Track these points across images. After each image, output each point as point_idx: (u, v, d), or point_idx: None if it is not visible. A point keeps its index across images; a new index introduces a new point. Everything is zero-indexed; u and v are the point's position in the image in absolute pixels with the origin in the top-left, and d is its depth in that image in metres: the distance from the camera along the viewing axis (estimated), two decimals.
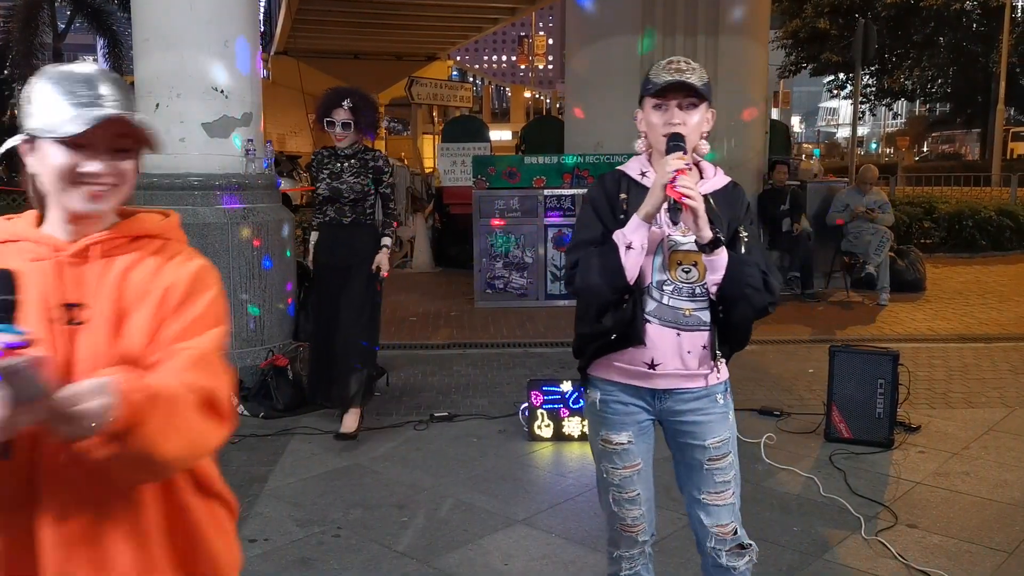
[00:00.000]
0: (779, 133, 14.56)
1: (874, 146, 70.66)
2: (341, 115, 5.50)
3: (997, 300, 10.69)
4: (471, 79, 55.68)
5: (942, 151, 57.42)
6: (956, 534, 4.26)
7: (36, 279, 1.58)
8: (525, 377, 6.61)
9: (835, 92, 48.00)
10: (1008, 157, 38.52)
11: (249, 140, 6.61)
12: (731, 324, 2.58)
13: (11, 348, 1.32)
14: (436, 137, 35.28)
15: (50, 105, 1.63)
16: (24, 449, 1.49)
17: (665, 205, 2.40)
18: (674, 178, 2.34)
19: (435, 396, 6.52)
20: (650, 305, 2.56)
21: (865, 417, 5.45)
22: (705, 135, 2.59)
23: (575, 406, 5.49)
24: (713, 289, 2.49)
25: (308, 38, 30.90)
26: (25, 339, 1.35)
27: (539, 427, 5.51)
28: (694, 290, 2.55)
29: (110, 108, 1.59)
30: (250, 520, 4.40)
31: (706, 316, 2.57)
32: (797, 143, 59.51)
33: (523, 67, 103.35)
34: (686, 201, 2.33)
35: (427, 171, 21.93)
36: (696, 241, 2.45)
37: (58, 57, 25.14)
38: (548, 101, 67.78)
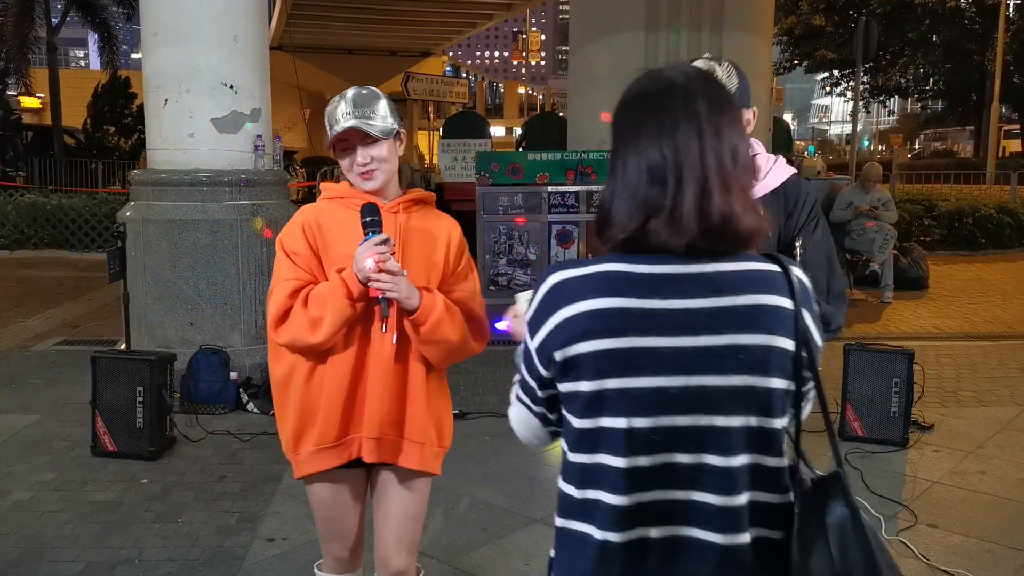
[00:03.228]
0: (781, 131, 14.59)
1: (866, 143, 70.81)
2: None
3: (1000, 298, 10.70)
4: (464, 75, 55.61)
5: (935, 148, 57.56)
6: (977, 534, 4.25)
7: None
8: None
9: (829, 89, 48.09)
10: (1001, 155, 38.61)
11: (258, 136, 6.56)
12: None
13: (383, 241, 2.36)
14: (431, 133, 35.27)
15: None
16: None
17: None
18: None
19: None
20: None
21: (880, 416, 5.44)
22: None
23: None
24: None
25: (303, 33, 30.80)
26: (390, 238, 2.39)
27: None
28: None
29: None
30: (267, 519, 4.37)
31: None
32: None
33: (516, 63, 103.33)
34: None
35: (429, 166, 21.87)
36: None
37: (52, 51, 24.96)
38: (541, 97, 67.80)
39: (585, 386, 1.49)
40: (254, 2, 6.62)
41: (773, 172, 2.49)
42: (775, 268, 1.51)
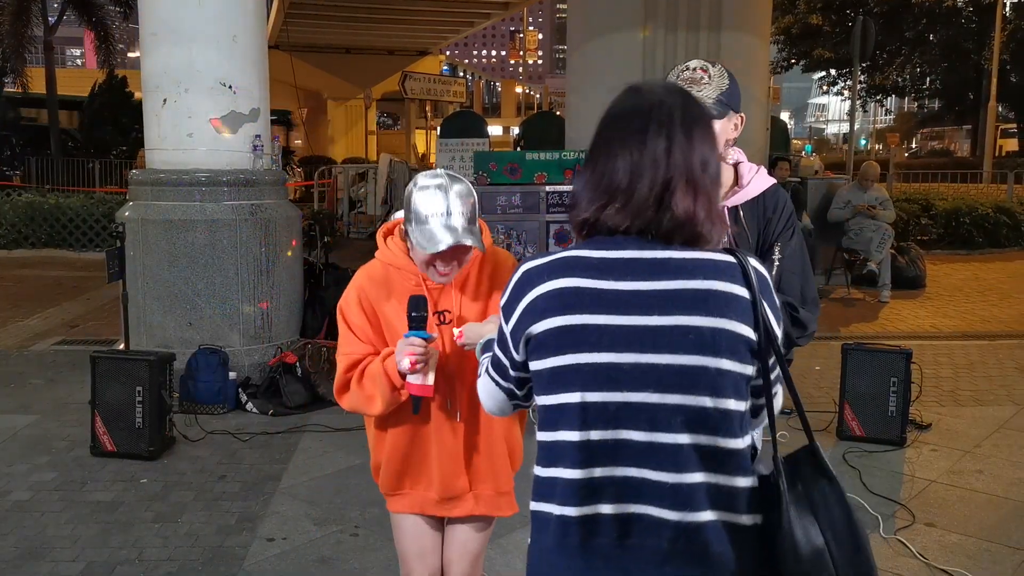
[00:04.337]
0: (779, 130, 14.60)
1: (863, 142, 70.84)
2: None
3: (997, 297, 10.73)
4: (462, 74, 55.62)
5: (932, 148, 57.62)
6: (975, 533, 4.26)
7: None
8: None
9: (826, 88, 48.12)
10: (998, 154, 38.64)
11: (256, 136, 6.56)
12: None
13: (426, 339, 2.37)
14: (429, 132, 35.26)
15: None
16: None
17: None
18: None
19: None
20: None
21: (877, 415, 5.46)
22: (731, 141, 2.51)
23: None
24: None
25: (300, 32, 30.78)
26: (432, 336, 2.42)
27: None
28: None
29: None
30: (267, 519, 4.38)
31: None
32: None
33: (513, 62, 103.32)
34: None
35: (429, 165, 21.88)
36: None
37: (49, 50, 24.91)
38: (539, 96, 67.78)
39: (547, 362, 1.60)
40: (253, 2, 6.62)
41: (755, 181, 2.54)
42: (730, 259, 1.59)
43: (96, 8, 25.09)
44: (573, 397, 1.57)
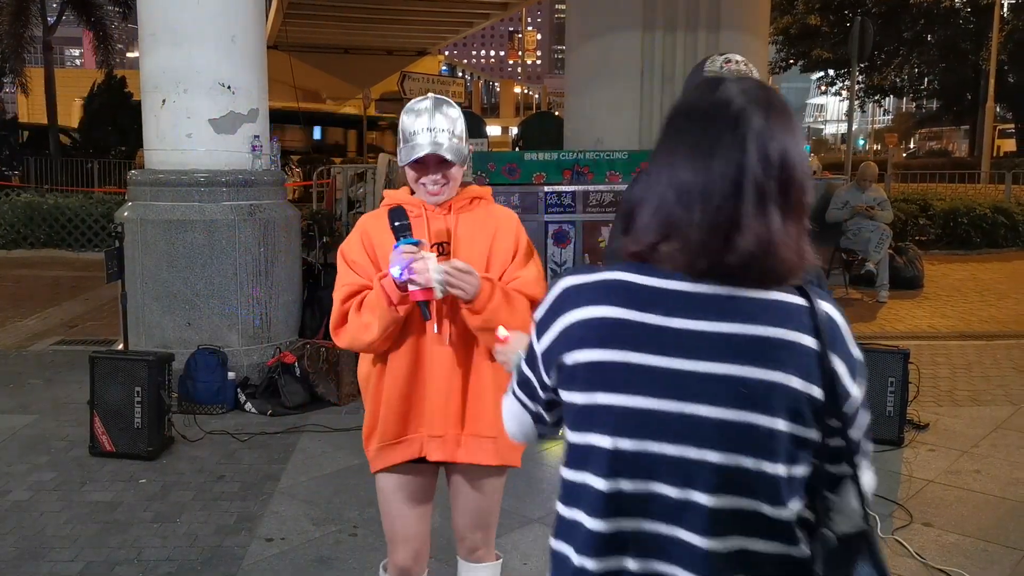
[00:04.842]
0: None
1: (862, 142, 70.86)
2: None
3: (995, 297, 10.74)
4: (460, 74, 55.62)
5: (930, 148, 57.64)
6: (972, 532, 4.27)
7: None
8: None
9: (824, 89, 48.13)
10: (995, 154, 38.66)
11: (255, 136, 6.56)
12: None
13: (417, 244, 2.40)
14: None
15: None
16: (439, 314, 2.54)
17: None
18: None
19: None
20: None
21: (875, 415, 5.39)
22: None
23: None
24: None
25: (298, 32, 30.81)
26: (421, 241, 2.42)
27: None
28: None
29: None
30: (266, 519, 4.38)
31: None
32: None
33: (512, 62, 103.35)
34: None
35: None
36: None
37: (48, 50, 24.91)
38: (537, 96, 67.81)
39: (578, 398, 1.44)
40: (252, 2, 6.63)
41: None
42: (799, 301, 1.38)
43: (95, 8, 25.08)
44: (603, 441, 1.40)
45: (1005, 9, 38.16)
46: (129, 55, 52.02)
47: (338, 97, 40.50)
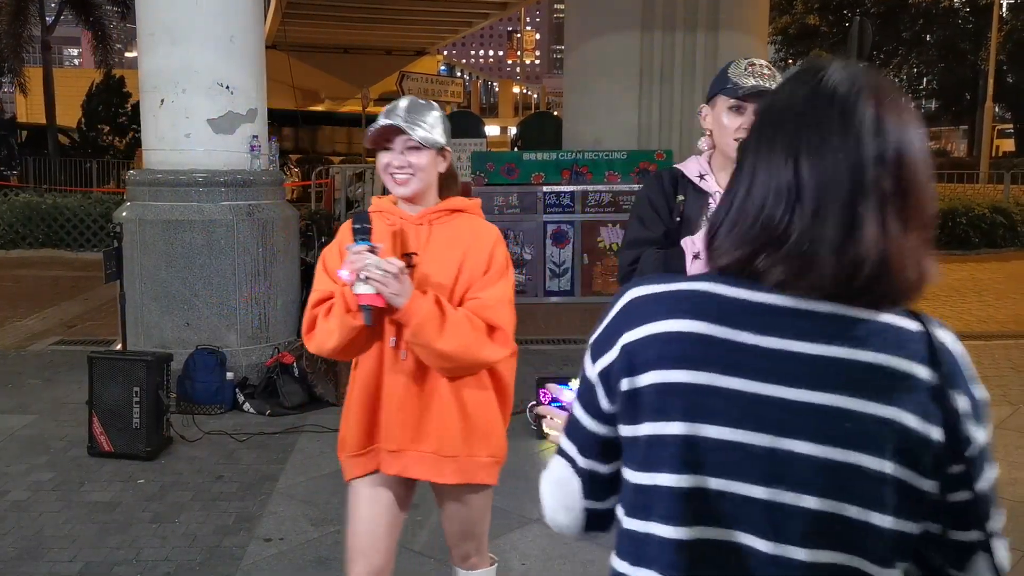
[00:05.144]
0: None
1: None
2: None
3: (994, 297, 10.75)
4: (459, 74, 55.63)
5: (928, 148, 57.58)
6: None
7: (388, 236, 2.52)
8: (527, 374, 6.60)
9: None
10: (994, 154, 38.67)
11: (254, 136, 6.56)
12: None
13: (371, 248, 2.36)
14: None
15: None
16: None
17: None
18: None
19: None
20: None
21: None
22: None
23: None
24: None
25: (297, 32, 30.83)
26: (377, 246, 2.37)
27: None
28: None
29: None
30: (264, 519, 4.38)
31: None
32: None
33: (511, 62, 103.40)
34: None
35: None
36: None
37: (47, 50, 24.91)
38: (536, 96, 67.84)
39: (644, 429, 1.20)
40: (250, 2, 6.63)
41: None
42: (913, 325, 1.16)
43: (94, 8, 25.08)
44: (675, 480, 1.16)
45: (1004, 9, 38.19)
46: (128, 55, 52.00)
47: (337, 97, 40.52)
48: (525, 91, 71.28)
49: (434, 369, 2.50)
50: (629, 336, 1.22)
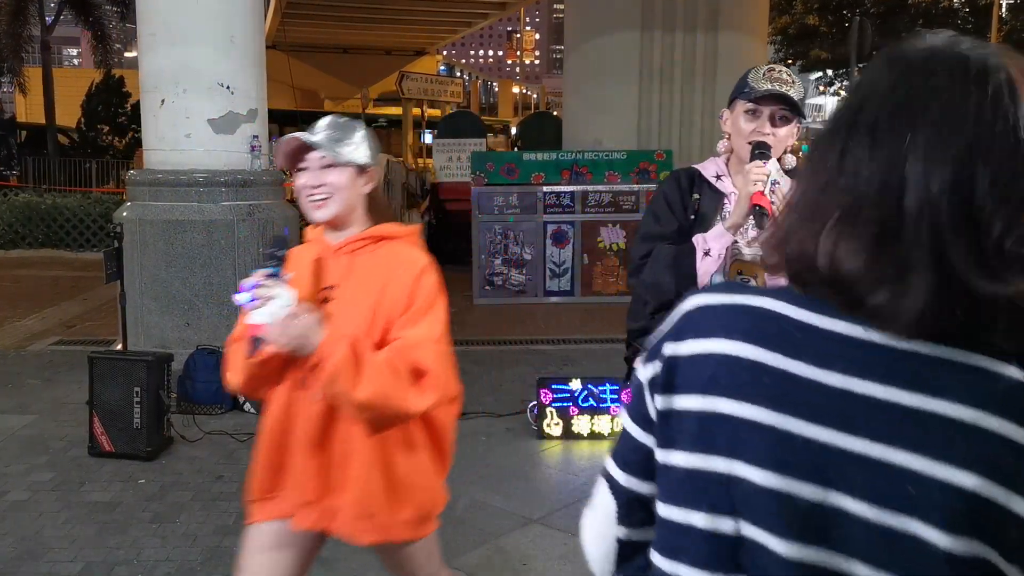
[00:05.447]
0: None
1: None
2: None
3: None
4: (459, 74, 55.66)
5: None
6: None
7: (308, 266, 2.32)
8: (528, 374, 6.62)
9: (823, 89, 48.20)
10: None
11: (254, 136, 6.57)
12: None
13: (276, 275, 2.11)
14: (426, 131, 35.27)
15: None
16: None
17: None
18: (762, 190, 2.33)
19: None
20: None
21: None
22: (789, 148, 2.56)
23: (584, 404, 5.49)
24: None
25: (297, 32, 30.82)
26: (286, 275, 2.13)
27: (548, 425, 5.50)
28: None
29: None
30: None
31: None
32: None
33: (510, 62, 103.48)
34: (775, 210, 2.31)
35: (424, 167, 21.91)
36: (762, 258, 2.44)
37: (46, 50, 24.91)
38: (536, 96, 67.86)
39: (679, 458, 1.04)
40: (251, 2, 6.64)
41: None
42: (1011, 374, 0.91)
43: (93, 8, 25.08)
44: (711, 523, 1.01)
45: (1004, 9, 38.24)
46: (127, 55, 52.03)
47: (336, 97, 40.53)
48: (525, 91, 71.30)
49: (355, 420, 2.21)
50: (675, 348, 1.06)
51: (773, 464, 0.96)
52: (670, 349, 1.07)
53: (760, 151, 2.40)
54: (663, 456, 1.07)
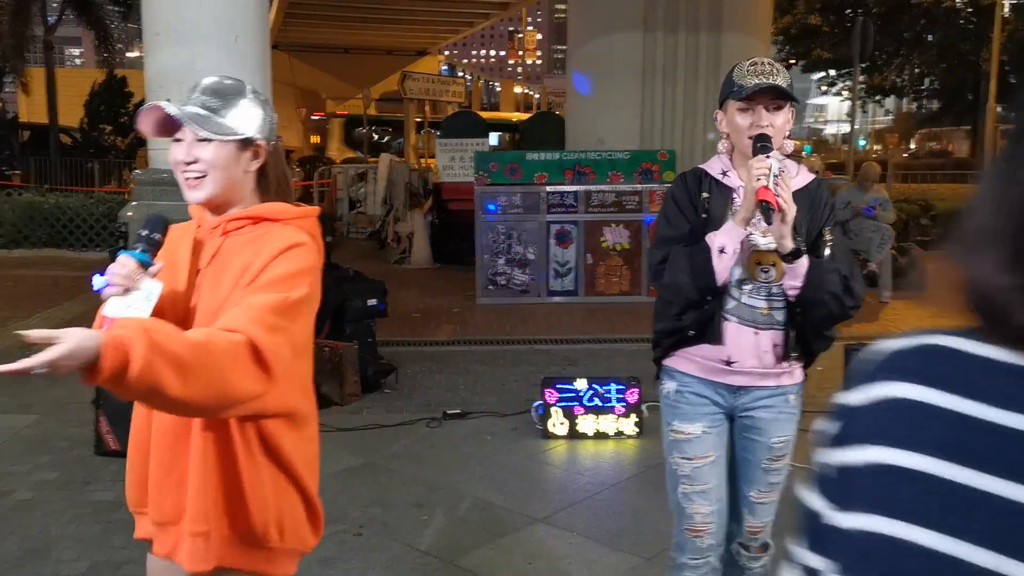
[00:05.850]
0: None
1: (862, 142, 70.88)
2: None
3: None
4: (460, 74, 55.66)
5: (931, 148, 57.66)
6: None
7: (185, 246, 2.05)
8: (532, 374, 6.62)
9: (825, 89, 48.18)
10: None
11: None
12: (810, 325, 2.59)
13: (143, 264, 1.87)
14: (426, 134, 35.31)
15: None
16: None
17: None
18: (766, 184, 2.35)
19: (443, 393, 6.49)
20: (729, 303, 2.57)
21: None
22: (787, 134, 2.60)
23: (589, 404, 5.49)
24: (792, 293, 2.50)
25: (298, 32, 30.83)
26: (152, 263, 1.89)
27: (553, 425, 5.50)
28: (771, 289, 2.55)
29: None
30: None
31: (781, 316, 2.58)
32: None
33: (512, 62, 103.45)
34: (780, 203, 2.35)
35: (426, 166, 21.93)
36: (777, 249, 2.46)
37: (48, 50, 24.91)
38: (538, 96, 67.86)
39: (852, 522, 0.76)
40: (254, 2, 6.64)
41: (801, 174, 2.63)
42: None
43: (95, 8, 25.09)
44: None
45: (1007, 9, 38.19)
46: (129, 55, 52.03)
47: (338, 97, 40.54)
48: (526, 91, 71.28)
49: (188, 414, 1.91)
50: (859, 393, 0.81)
51: (987, 541, 0.71)
52: (854, 395, 0.82)
53: (762, 144, 2.44)
54: (838, 517, 0.78)
